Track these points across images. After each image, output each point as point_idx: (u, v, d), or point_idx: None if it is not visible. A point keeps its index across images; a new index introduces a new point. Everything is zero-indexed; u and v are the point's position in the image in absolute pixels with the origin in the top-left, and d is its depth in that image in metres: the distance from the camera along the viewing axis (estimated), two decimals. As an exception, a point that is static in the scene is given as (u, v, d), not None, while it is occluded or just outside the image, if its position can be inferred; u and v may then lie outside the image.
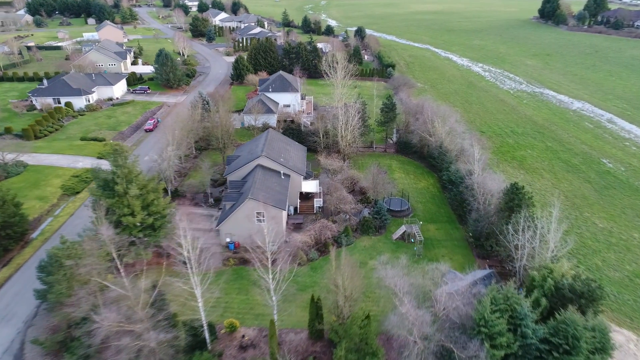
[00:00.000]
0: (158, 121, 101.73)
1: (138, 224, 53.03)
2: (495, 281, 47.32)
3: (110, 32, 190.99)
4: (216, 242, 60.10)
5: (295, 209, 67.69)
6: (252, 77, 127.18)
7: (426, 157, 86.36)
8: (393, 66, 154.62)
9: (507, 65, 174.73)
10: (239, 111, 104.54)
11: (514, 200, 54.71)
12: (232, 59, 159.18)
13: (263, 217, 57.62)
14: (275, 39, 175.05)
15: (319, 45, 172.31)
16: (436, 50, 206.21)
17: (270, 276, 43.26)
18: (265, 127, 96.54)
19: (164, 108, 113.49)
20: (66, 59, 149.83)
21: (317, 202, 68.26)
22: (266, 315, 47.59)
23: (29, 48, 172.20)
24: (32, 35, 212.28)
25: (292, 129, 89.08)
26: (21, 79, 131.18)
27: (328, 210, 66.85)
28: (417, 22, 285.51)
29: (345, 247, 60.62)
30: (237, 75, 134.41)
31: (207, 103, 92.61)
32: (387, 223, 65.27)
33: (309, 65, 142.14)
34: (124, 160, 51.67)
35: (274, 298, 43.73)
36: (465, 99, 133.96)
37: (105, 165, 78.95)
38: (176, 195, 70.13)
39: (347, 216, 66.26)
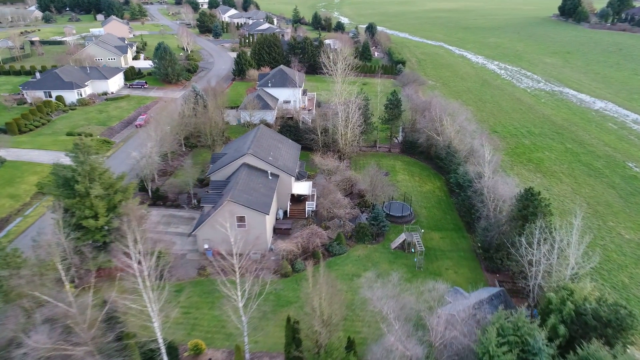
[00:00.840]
0: (151, 117, 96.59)
1: (102, 227, 47.48)
2: (504, 303, 40.48)
3: (116, 27, 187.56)
4: (194, 248, 54.27)
5: (285, 212, 61.58)
6: (253, 72, 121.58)
7: (433, 158, 79.52)
8: (403, 63, 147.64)
9: (525, 63, 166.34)
10: (236, 107, 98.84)
11: (529, 207, 47.78)
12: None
13: (244, 222, 51.65)
14: (282, 35, 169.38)
15: (327, 41, 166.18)
16: (450, 47, 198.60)
17: (239, 293, 37.08)
18: (263, 125, 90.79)
19: (160, 103, 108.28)
20: (68, 54, 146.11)
21: (309, 206, 62.03)
22: (239, 336, 41.50)
23: (32, 43, 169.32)
24: (38, 30, 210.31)
25: (289, 126, 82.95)
26: (18, 73, 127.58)
27: (321, 214, 60.57)
28: (431, 20, 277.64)
29: (337, 256, 54.30)
30: (239, 70, 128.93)
31: (201, 98, 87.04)
32: (386, 230, 58.73)
33: (315, 61, 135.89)
34: (86, 157, 46.12)
35: (243, 319, 37.60)
36: (478, 97, 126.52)
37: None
38: (157, 196, 64.54)
39: (341, 222, 59.91)
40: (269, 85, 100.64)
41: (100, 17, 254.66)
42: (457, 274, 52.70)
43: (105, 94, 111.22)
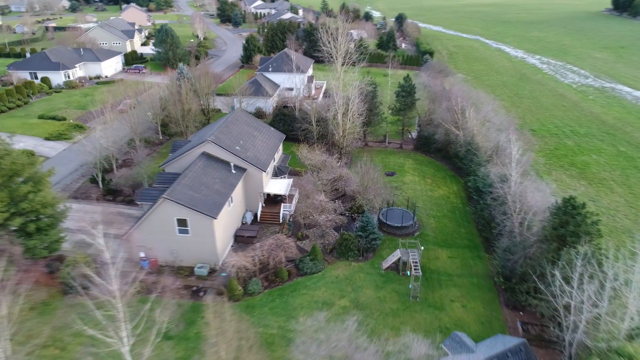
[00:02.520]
0: (138, 102, 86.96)
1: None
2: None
3: (134, 15, 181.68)
4: (130, 256, 43.08)
5: (256, 216, 49.73)
6: (258, 58, 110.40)
7: (451, 157, 65.75)
8: (431, 53, 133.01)
9: (571, 58, 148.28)
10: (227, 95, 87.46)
11: (568, 225, 34.07)
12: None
13: (187, 226, 40.10)
14: (302, 24, 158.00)
15: (351, 31, 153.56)
16: (487, 41, 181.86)
17: (124, 334, 25.45)
18: (259, 113, 79.43)
19: (155, 89, 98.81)
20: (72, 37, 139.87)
21: (286, 209, 49.92)
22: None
23: (47, 28, 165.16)
24: (60, 18, 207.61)
25: (283, 115, 71.05)
26: (17, 55, 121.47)
27: (298, 221, 48.37)
28: (468, 14, 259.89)
29: (309, 275, 41.93)
30: (247, 57, 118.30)
31: (189, 80, 76.41)
32: (377, 244, 45.89)
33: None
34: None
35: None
36: (515, 92, 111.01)
37: (48, 147, 67.00)
38: (109, 189, 53.96)
39: (322, 231, 47.50)
40: (270, 70, 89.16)
41: (126, 7, 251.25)
42: (465, 308, 39.33)
43: (98, 77, 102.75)
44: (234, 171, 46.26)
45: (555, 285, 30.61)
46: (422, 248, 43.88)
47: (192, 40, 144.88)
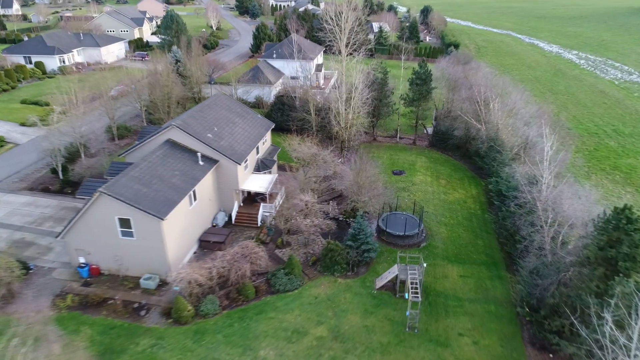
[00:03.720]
0: (133, 87, 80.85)
1: None
2: None
3: (149, 5, 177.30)
4: (70, 261, 35.80)
5: (230, 217, 41.91)
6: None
7: (471, 155, 56.46)
8: (457, 46, 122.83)
9: (612, 54, 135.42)
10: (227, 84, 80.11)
11: (621, 244, 24.94)
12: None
13: (130, 227, 32.54)
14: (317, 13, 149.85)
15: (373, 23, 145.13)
16: (519, 36, 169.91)
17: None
18: (259, 102, 71.86)
19: (153, 77, 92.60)
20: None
21: (266, 210, 41.89)
22: None
23: (61, 18, 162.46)
24: (80, 9, 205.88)
25: (282, 104, 63.17)
26: (13, 42, 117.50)
27: (277, 225, 40.23)
28: (500, 10, 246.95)
29: (283, 294, 33.76)
30: (257, 46, 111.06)
31: (181, 64, 69.72)
32: (371, 257, 37.35)
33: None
34: None
35: None
36: (549, 87, 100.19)
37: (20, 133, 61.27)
38: (68, 181, 47.08)
39: (306, 238, 39.28)
40: (274, 56, 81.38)
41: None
42: (477, 345, 30.44)
43: (98, 63, 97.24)
44: (201, 163, 38.51)
45: (602, 329, 21.58)
46: (425, 265, 35.02)
47: (203, 29, 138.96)
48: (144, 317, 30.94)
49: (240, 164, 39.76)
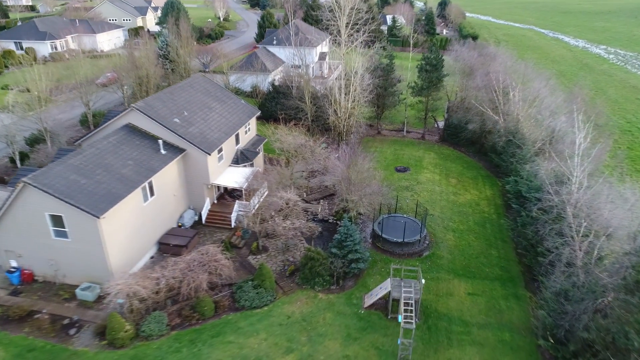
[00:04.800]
0: (108, 75, 76.06)
1: None
2: None
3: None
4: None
5: (201, 216, 36.01)
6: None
7: (487, 151, 49.63)
8: (475, 38, 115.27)
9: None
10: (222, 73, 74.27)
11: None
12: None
13: (64, 227, 26.84)
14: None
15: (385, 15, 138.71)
16: (542, 30, 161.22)
17: None
18: (255, 91, 65.98)
19: (130, 58, 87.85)
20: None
21: (241, 209, 35.85)
22: None
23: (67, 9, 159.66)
24: (90, 0, 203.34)
25: (278, 92, 57.23)
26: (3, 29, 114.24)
27: (251, 226, 34.13)
28: (523, 4, 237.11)
29: (249, 311, 27.70)
30: (261, 35, 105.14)
31: (167, 46, 64.37)
32: (362, 268, 31.03)
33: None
34: None
35: None
36: (575, 82, 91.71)
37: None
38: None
39: (285, 244, 33.20)
40: (274, 43, 75.38)
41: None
42: (486, 387, 23.92)
43: (94, 50, 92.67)
44: (163, 151, 32.67)
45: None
46: (424, 282, 28.52)
47: (209, 20, 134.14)
48: (73, 337, 25.20)
49: (210, 154, 33.78)
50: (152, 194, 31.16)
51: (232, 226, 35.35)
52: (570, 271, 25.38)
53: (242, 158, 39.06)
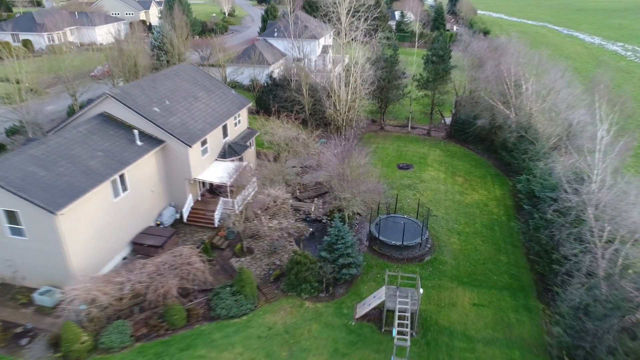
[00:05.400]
0: (101, 68, 73.74)
1: None
2: None
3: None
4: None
5: (182, 214, 33.11)
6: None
7: (497, 148, 46.22)
8: (486, 32, 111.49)
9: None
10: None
11: None
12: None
13: (19, 223, 24.07)
14: None
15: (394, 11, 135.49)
16: (556, 27, 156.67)
17: None
18: (254, 85, 63.04)
19: (119, 46, 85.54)
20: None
21: (226, 207, 32.89)
22: None
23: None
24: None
25: (275, 84, 54.31)
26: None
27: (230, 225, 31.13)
28: (536, 2, 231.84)
29: (226, 321, 24.73)
30: (265, 29, 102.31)
31: (161, 36, 61.73)
32: (354, 274, 27.92)
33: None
34: None
35: None
36: (590, 79, 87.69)
37: None
38: None
39: (273, 245, 30.24)
40: (275, 35, 72.46)
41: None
42: (492, 415, 20.68)
43: (93, 43, 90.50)
44: (139, 142, 29.83)
45: None
46: (422, 291, 25.29)
47: (214, 14, 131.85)
48: (24, 348, 22.41)
49: (190, 146, 30.86)
50: (124, 188, 28.32)
51: (216, 225, 32.41)
52: (591, 282, 22.05)
53: (230, 152, 36.11)
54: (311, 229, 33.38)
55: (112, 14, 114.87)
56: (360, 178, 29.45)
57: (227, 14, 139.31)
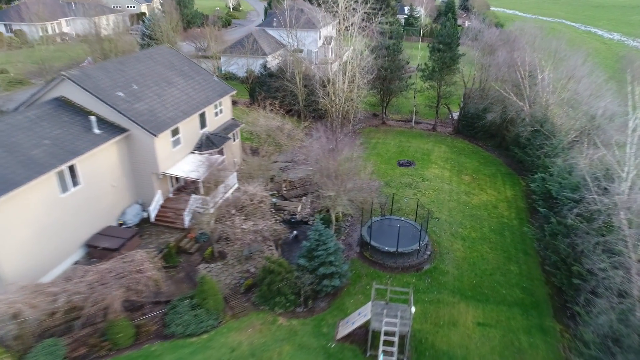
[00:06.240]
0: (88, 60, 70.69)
1: None
2: None
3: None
4: None
5: (150, 213, 29.38)
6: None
7: (509, 145, 41.87)
8: (500, 26, 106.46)
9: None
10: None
11: None
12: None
13: (-61, 221, 20.49)
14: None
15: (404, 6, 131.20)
16: (572, 24, 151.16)
17: None
18: (250, 77, 59.34)
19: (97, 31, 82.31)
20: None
21: (198, 205, 29.06)
22: None
23: None
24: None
25: (269, 75, 50.61)
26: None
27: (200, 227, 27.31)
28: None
29: (181, 339, 20.90)
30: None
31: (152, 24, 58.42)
32: (339, 285, 23.90)
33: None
34: None
35: None
36: (610, 75, 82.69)
37: None
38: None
39: (249, 250, 26.41)
40: (274, 25, 68.62)
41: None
42: None
43: (89, 34, 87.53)
44: (97, 130, 26.14)
45: None
46: (414, 310, 21.16)
47: (218, 8, 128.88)
48: None
49: (156, 136, 27.09)
50: (76, 182, 24.66)
51: (186, 226, 28.63)
52: (623, 304, 17.80)
53: (208, 144, 32.32)
54: (295, 232, 29.53)
55: (114, 6, 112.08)
56: (348, 174, 25.40)
57: (232, 8, 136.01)
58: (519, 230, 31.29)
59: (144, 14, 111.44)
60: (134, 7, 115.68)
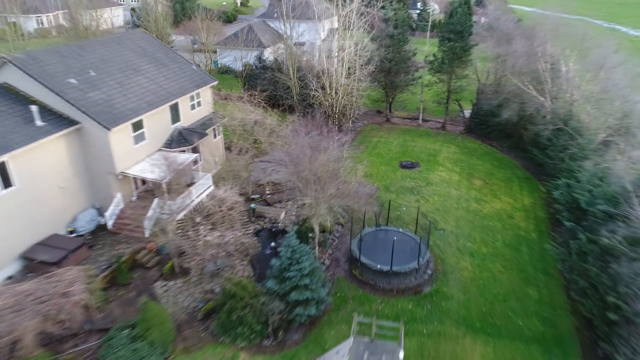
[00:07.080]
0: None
1: None
2: None
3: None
4: None
5: (107, 219, 25.44)
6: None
7: (528, 146, 37.09)
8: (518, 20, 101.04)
9: None
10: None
11: None
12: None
13: None
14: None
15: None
16: (595, 21, 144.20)
17: None
18: (246, 70, 55.41)
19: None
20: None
21: (161, 211, 25.00)
22: None
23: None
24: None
25: (264, 67, 46.68)
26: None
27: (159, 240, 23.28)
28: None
29: (116, 381, 16.87)
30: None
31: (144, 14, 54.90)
32: (316, 314, 19.64)
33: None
34: None
35: None
36: (635, 72, 76.94)
37: None
38: None
39: (219, 265, 22.29)
40: (275, 16, 64.50)
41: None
42: None
43: (87, 27, 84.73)
44: (39, 122, 22.30)
45: None
46: (402, 355, 16.64)
47: (224, 3, 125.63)
48: None
49: (110, 129, 23.12)
50: (8, 184, 20.83)
51: (146, 235, 24.62)
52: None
53: (179, 140, 28.31)
54: (273, 243, 25.32)
55: (118, 1, 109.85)
56: (332, 177, 21.09)
57: (239, 4, 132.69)
58: (539, 245, 26.64)
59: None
60: (138, 1, 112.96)
